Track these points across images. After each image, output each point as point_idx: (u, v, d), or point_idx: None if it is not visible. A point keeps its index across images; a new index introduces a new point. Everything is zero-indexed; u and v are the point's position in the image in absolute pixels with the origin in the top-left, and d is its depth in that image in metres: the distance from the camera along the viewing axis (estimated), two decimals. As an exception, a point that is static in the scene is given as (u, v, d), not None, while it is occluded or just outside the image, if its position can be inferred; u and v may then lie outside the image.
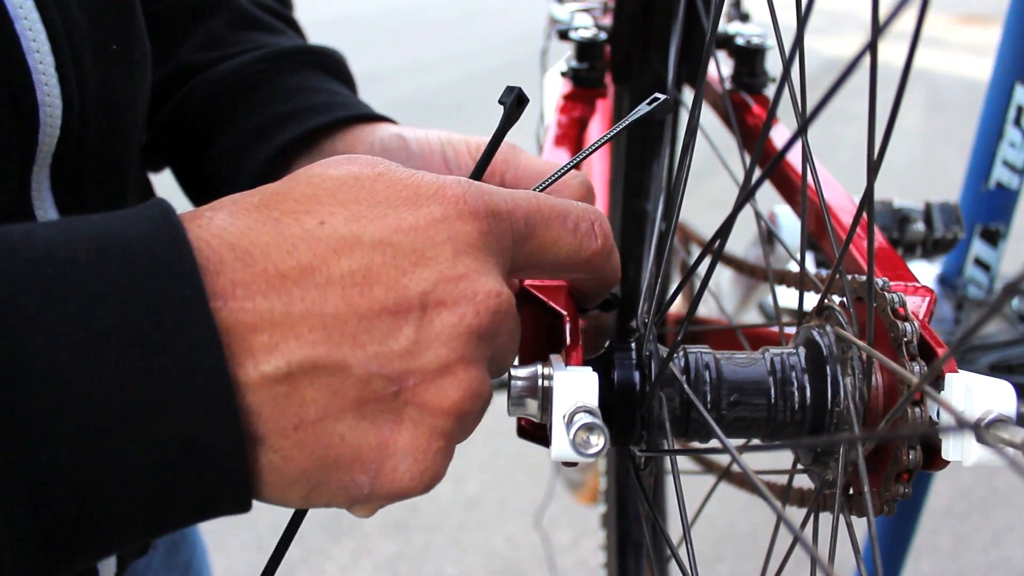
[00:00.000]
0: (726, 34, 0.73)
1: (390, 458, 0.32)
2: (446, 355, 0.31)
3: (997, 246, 1.04)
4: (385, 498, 0.33)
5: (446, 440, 0.32)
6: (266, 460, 0.30)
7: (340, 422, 0.31)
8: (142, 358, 0.27)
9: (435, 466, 0.32)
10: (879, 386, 0.37)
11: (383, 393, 0.31)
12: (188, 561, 0.75)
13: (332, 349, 0.30)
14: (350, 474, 0.32)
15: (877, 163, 0.33)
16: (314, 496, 0.32)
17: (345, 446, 0.31)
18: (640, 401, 0.39)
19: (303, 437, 0.30)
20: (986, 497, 2.26)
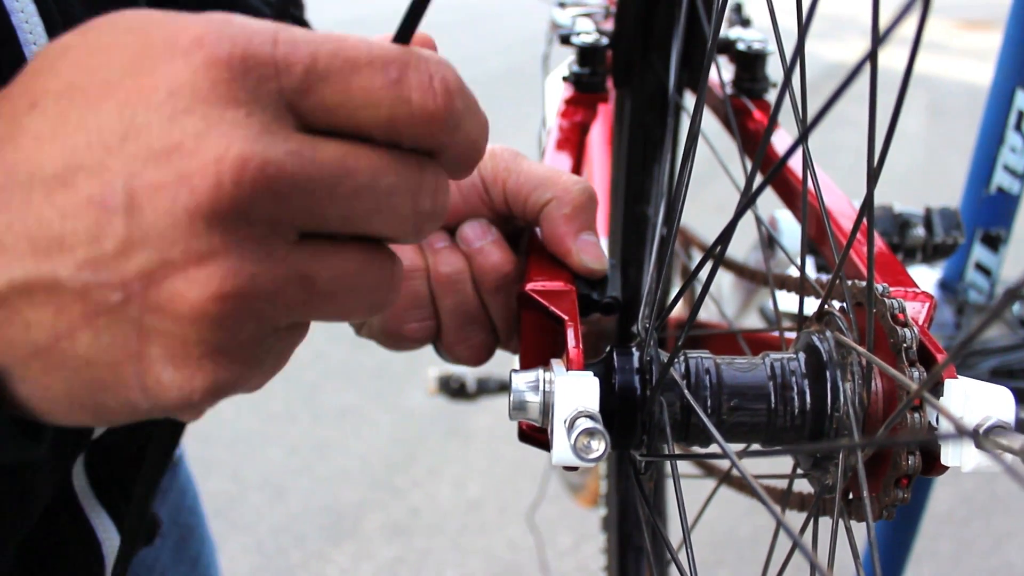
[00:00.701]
0: (727, 39, 0.73)
1: (148, 371, 0.28)
2: (167, 250, 0.26)
3: (998, 251, 1.04)
4: (171, 407, 0.29)
5: (206, 348, 0.27)
6: (24, 389, 0.28)
7: (76, 342, 0.27)
8: None
9: (203, 373, 0.28)
10: (879, 391, 0.37)
11: (108, 303, 0.27)
12: (196, 555, 0.75)
13: (39, 262, 0.26)
14: (117, 392, 0.28)
15: (877, 169, 0.33)
16: (103, 415, 0.29)
17: (95, 367, 0.28)
18: (641, 406, 0.39)
19: (45, 364, 0.28)
20: (987, 503, 2.25)
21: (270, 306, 0.28)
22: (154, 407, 0.29)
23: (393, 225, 0.30)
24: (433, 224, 0.32)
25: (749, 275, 0.69)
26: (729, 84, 0.72)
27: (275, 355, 0.31)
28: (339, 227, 0.29)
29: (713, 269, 0.36)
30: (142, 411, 0.29)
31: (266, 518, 2.14)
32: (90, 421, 0.30)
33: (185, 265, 0.26)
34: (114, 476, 0.52)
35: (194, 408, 0.29)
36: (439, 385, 1.27)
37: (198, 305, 0.27)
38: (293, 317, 0.30)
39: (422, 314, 0.50)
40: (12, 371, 0.28)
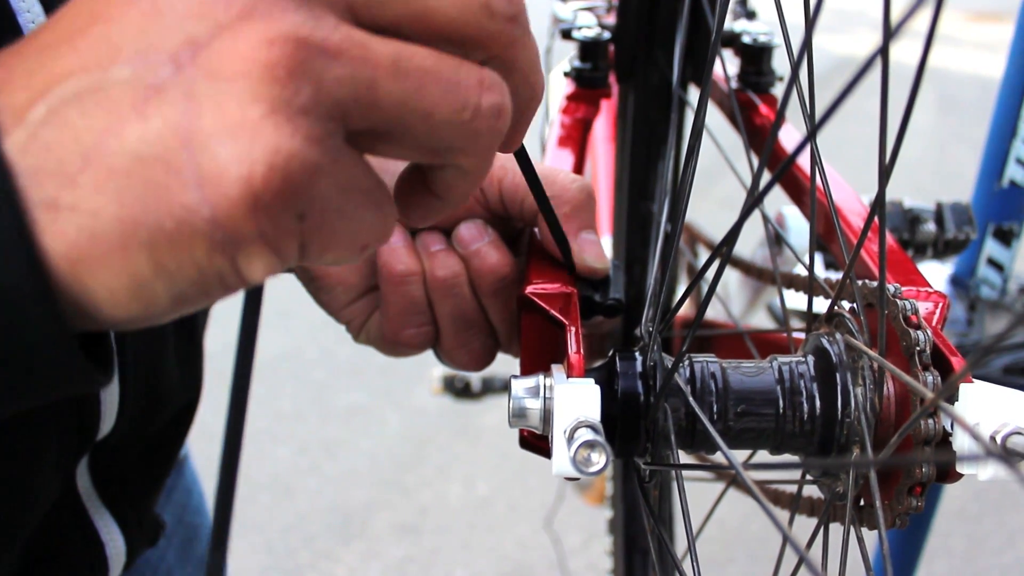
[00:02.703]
0: (732, 32, 0.72)
1: (203, 152, 0.24)
2: (209, 13, 0.25)
3: (1010, 245, 1.02)
4: (232, 208, 0.25)
5: (265, 105, 0.24)
6: (74, 228, 0.25)
7: (124, 136, 0.25)
8: None
9: (263, 136, 0.24)
10: (891, 396, 0.36)
11: (158, 81, 0.25)
12: (203, 557, 0.75)
13: (89, 67, 0.25)
14: (173, 197, 0.25)
15: (889, 166, 0.31)
16: (164, 257, 0.25)
17: (146, 162, 0.25)
18: (644, 412, 0.38)
19: (95, 175, 0.25)
20: (1000, 499, 2.24)
21: (329, 64, 0.25)
22: (215, 211, 0.25)
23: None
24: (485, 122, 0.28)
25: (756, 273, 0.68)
26: (734, 78, 0.71)
27: (331, 205, 0.27)
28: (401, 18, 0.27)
29: (719, 270, 0.35)
30: (201, 226, 0.25)
31: (275, 518, 2.14)
32: (148, 273, 0.25)
33: (229, 23, 0.25)
34: (118, 477, 0.51)
35: (264, 214, 0.25)
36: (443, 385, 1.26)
37: (249, 54, 0.25)
38: (360, 101, 0.26)
39: (420, 320, 0.49)
40: (61, 197, 0.25)
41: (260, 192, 0.24)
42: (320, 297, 0.51)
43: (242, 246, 0.25)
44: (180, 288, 0.26)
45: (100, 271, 0.25)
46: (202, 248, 0.25)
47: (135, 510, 0.53)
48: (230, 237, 0.25)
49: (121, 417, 0.48)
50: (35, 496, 0.44)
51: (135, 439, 0.51)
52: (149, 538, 0.57)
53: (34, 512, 0.44)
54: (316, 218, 0.26)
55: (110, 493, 0.51)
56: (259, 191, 0.24)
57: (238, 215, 0.25)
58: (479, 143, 0.29)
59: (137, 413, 0.49)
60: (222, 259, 0.25)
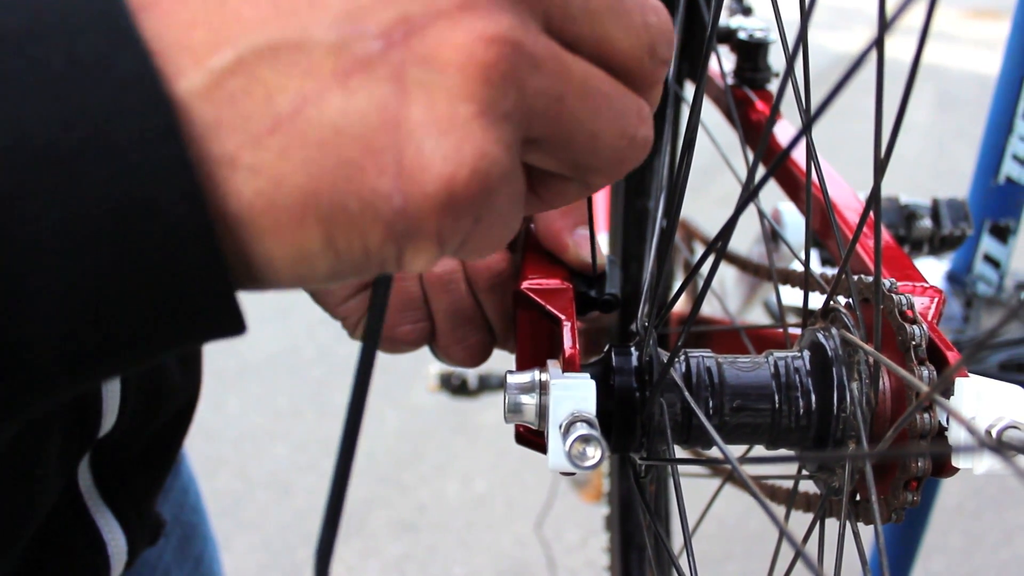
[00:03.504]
0: (728, 28, 0.72)
1: (408, 140, 0.24)
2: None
3: (1007, 242, 1.02)
4: (424, 203, 0.24)
5: (476, 105, 0.24)
6: (251, 190, 0.23)
7: (325, 106, 0.23)
8: (52, 99, 0.22)
9: (472, 137, 0.24)
10: (886, 390, 0.36)
11: (366, 54, 0.24)
12: (200, 555, 0.75)
13: (287, 20, 0.24)
14: (366, 179, 0.24)
15: (884, 162, 0.31)
16: (338, 234, 0.24)
17: (344, 138, 0.23)
18: (640, 407, 0.38)
19: (285, 140, 0.23)
20: (998, 496, 2.24)
21: (533, 75, 0.25)
22: (406, 203, 0.24)
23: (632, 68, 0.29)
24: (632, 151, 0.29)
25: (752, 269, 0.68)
26: (730, 74, 0.71)
27: (502, 212, 0.27)
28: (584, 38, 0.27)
29: (715, 265, 0.35)
30: (388, 215, 0.24)
31: (273, 516, 2.14)
32: (319, 253, 0.25)
33: (449, 10, 0.24)
34: (119, 476, 0.51)
35: (451, 214, 0.25)
36: (440, 382, 1.26)
37: (467, 47, 0.24)
38: (545, 114, 0.26)
39: (415, 316, 0.49)
40: (241, 156, 0.23)
41: (458, 193, 0.24)
42: (316, 295, 0.51)
43: (416, 239, 0.25)
44: (340, 266, 0.25)
45: (267, 238, 0.24)
46: (378, 234, 0.24)
47: (136, 509, 0.53)
48: (410, 230, 0.25)
49: (123, 414, 0.48)
50: (39, 492, 0.44)
51: (136, 437, 0.51)
52: (150, 537, 0.57)
53: (38, 509, 0.44)
54: (487, 221, 0.26)
55: (111, 492, 0.51)
56: (457, 192, 0.24)
57: (428, 211, 0.24)
58: (620, 168, 0.29)
59: (138, 410, 0.49)
60: (392, 248, 0.25)
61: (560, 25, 0.27)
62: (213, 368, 0.89)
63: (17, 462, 0.42)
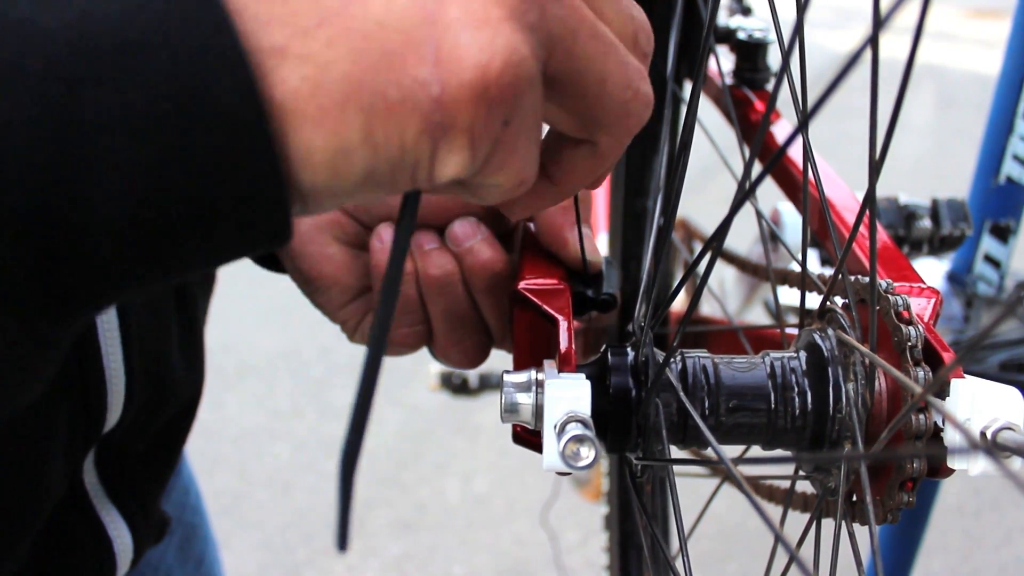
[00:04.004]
0: (727, 28, 0.72)
1: (445, 33, 0.25)
2: None
3: (1007, 242, 1.02)
4: (460, 92, 0.26)
5: (506, 9, 0.26)
6: (298, 76, 0.25)
7: (369, 2, 0.25)
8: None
9: (503, 34, 0.26)
10: (882, 391, 0.36)
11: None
12: (201, 555, 0.75)
13: None
14: (406, 68, 0.25)
15: (880, 162, 0.31)
16: (377, 124, 0.26)
17: (386, 31, 0.25)
18: (636, 407, 0.38)
19: (332, 33, 0.25)
20: (998, 496, 2.24)
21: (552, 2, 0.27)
22: (443, 93, 0.26)
23: None
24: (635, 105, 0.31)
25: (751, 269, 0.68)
26: (729, 74, 0.71)
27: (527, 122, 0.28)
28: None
29: (711, 263, 0.35)
30: (425, 104, 0.26)
31: (273, 515, 2.14)
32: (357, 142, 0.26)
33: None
34: (124, 473, 0.51)
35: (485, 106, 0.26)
36: (440, 381, 1.26)
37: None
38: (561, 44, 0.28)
39: (412, 319, 0.49)
40: (291, 46, 0.25)
41: (492, 82, 0.26)
42: (316, 299, 0.51)
43: (450, 133, 0.26)
44: (376, 164, 0.26)
45: (310, 126, 0.25)
46: (415, 126, 0.26)
47: (141, 506, 0.53)
48: (445, 120, 0.26)
49: (127, 409, 0.48)
50: (45, 487, 0.44)
51: (140, 434, 0.51)
52: (155, 534, 0.57)
53: (44, 504, 0.44)
54: (513, 128, 0.27)
55: (116, 489, 0.50)
56: (491, 81, 0.26)
57: (463, 99, 0.26)
58: (626, 124, 0.31)
59: (143, 405, 0.49)
60: (427, 143, 0.26)
61: None
62: (213, 367, 0.88)
63: (22, 455, 0.42)
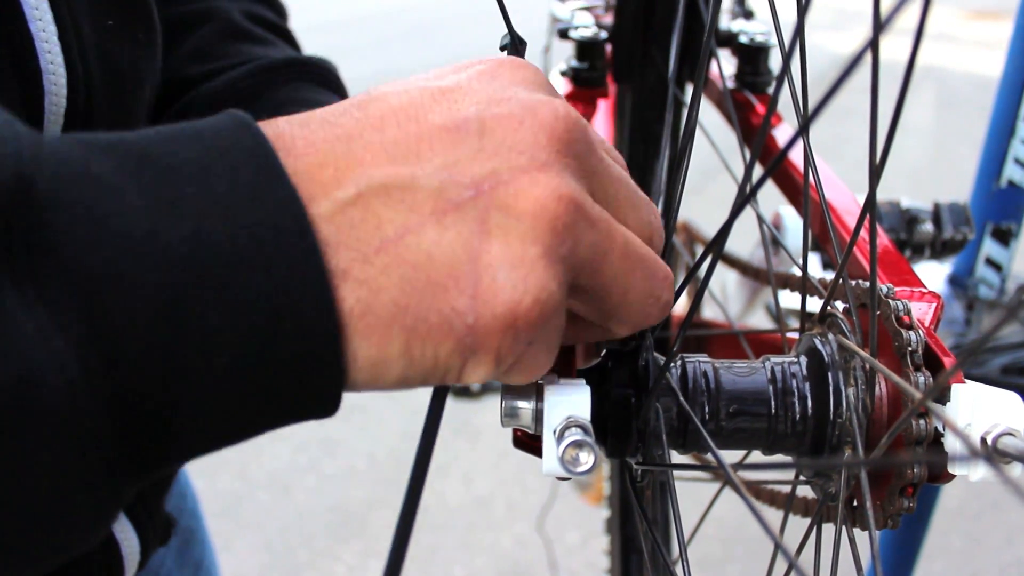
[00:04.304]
0: (729, 32, 0.72)
1: (485, 270, 0.29)
2: (516, 158, 0.30)
3: (1009, 245, 1.02)
4: (492, 323, 0.29)
5: (542, 247, 0.30)
6: (354, 298, 0.28)
7: (422, 237, 0.29)
8: (221, 218, 0.27)
9: (536, 273, 0.29)
10: (883, 396, 0.36)
11: (460, 199, 0.29)
12: (199, 560, 0.75)
13: (398, 167, 0.29)
14: (448, 298, 0.29)
15: (880, 165, 0.31)
16: (415, 343, 0.29)
17: (434, 263, 0.29)
18: (636, 412, 0.38)
19: (387, 260, 0.29)
20: (999, 497, 2.23)
21: (587, 230, 0.31)
22: (476, 322, 0.29)
23: None
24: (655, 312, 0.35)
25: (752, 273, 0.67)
26: (731, 78, 0.71)
27: (549, 341, 0.32)
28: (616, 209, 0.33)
29: (711, 268, 0.35)
30: (461, 332, 0.29)
31: (274, 517, 2.14)
32: (397, 357, 0.29)
33: (529, 170, 0.30)
34: None
35: (512, 334, 0.29)
36: (442, 384, 1.25)
37: (541, 199, 0.30)
38: (590, 264, 0.32)
39: None
40: (352, 271, 0.28)
41: (521, 316, 0.29)
42: None
43: (479, 353, 0.30)
44: (411, 372, 0.30)
45: (357, 339, 0.29)
46: (448, 346, 0.29)
47: (146, 507, 0.52)
48: (476, 344, 0.29)
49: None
50: None
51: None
52: (161, 536, 0.56)
53: None
54: (537, 346, 0.31)
55: None
56: (520, 316, 0.29)
57: (494, 329, 0.29)
58: (642, 323, 0.35)
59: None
60: (458, 359, 0.30)
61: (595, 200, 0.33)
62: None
63: None
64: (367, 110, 0.31)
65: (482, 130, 0.30)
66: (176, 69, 0.60)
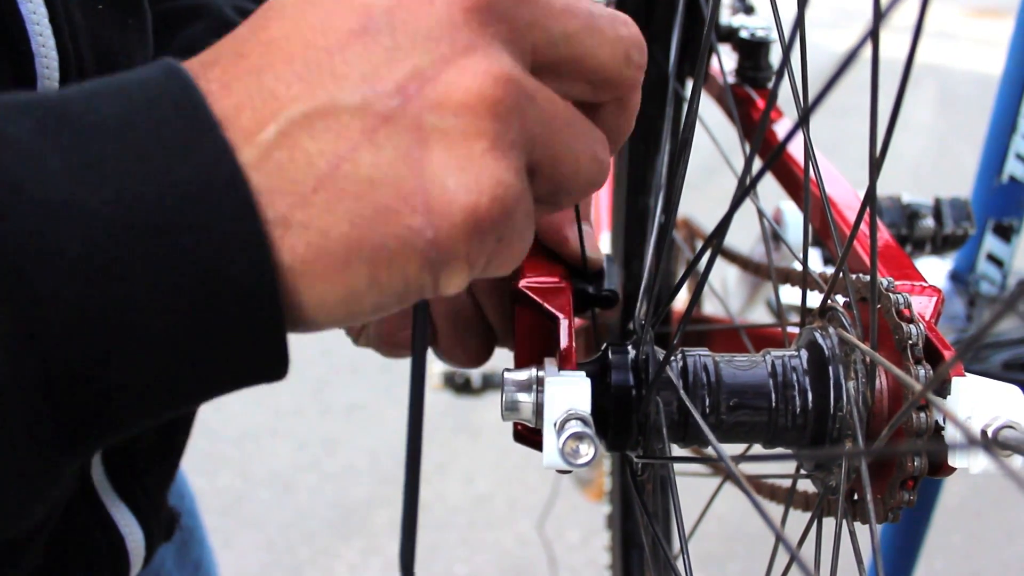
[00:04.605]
0: (730, 27, 0.72)
1: (432, 181, 0.27)
2: (434, 48, 0.27)
3: (1010, 241, 1.02)
4: (453, 232, 0.28)
5: (487, 140, 0.27)
6: (303, 243, 0.27)
7: (358, 162, 0.27)
8: (147, 178, 0.25)
9: (488, 169, 0.27)
10: (883, 389, 0.36)
11: (387, 110, 0.27)
12: (198, 560, 0.75)
13: (315, 92, 0.27)
14: (401, 219, 0.27)
15: (880, 159, 0.31)
16: (380, 271, 0.28)
17: (378, 187, 0.27)
18: (636, 406, 0.38)
19: (328, 196, 0.27)
20: (1000, 495, 2.23)
21: (530, 106, 0.29)
22: (437, 235, 0.27)
23: None
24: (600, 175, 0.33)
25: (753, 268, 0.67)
26: (732, 73, 0.71)
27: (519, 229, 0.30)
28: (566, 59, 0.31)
29: (710, 262, 0.35)
30: (423, 248, 0.28)
31: (275, 514, 2.14)
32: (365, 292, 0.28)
33: (453, 57, 0.28)
34: (130, 468, 0.51)
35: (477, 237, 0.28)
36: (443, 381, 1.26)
37: (474, 88, 0.27)
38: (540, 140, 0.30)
39: None
40: (293, 215, 0.27)
41: (482, 219, 0.28)
42: None
43: (449, 264, 0.28)
44: (384, 299, 0.29)
45: (320, 283, 0.27)
46: (415, 265, 0.28)
47: (150, 501, 0.52)
48: (442, 257, 0.28)
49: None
50: None
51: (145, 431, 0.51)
52: (165, 530, 0.56)
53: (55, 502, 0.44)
54: (507, 239, 0.29)
55: (124, 485, 0.50)
56: (481, 218, 0.28)
57: (457, 238, 0.28)
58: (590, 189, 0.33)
59: None
60: (428, 275, 0.28)
61: (544, 51, 0.30)
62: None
63: None
64: (269, 29, 0.29)
65: (392, 24, 0.28)
66: None
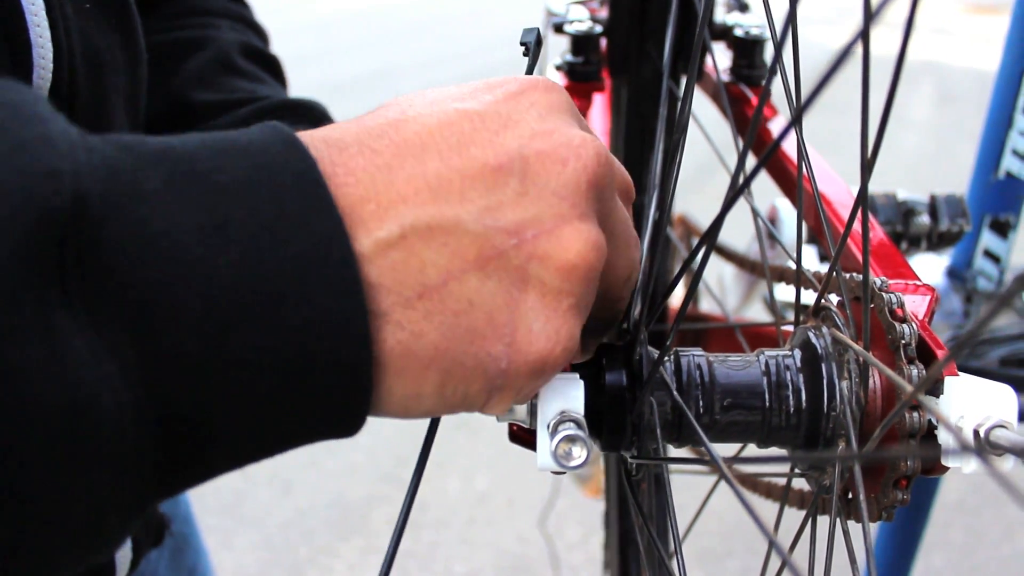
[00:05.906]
0: (724, 25, 0.72)
1: (522, 319, 0.30)
2: (558, 204, 0.30)
3: (1007, 237, 1.02)
4: (523, 368, 0.30)
5: (574, 299, 0.31)
6: (395, 340, 0.29)
7: (465, 284, 0.29)
8: (268, 246, 0.27)
9: (568, 325, 0.31)
10: (876, 389, 0.35)
11: (503, 247, 0.30)
12: (193, 566, 0.74)
13: (442, 207, 0.29)
14: (485, 345, 0.30)
15: (872, 157, 0.31)
16: (449, 383, 0.30)
17: (475, 311, 0.29)
18: (630, 406, 0.38)
19: (430, 306, 0.29)
20: (999, 491, 2.23)
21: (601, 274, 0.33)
22: (508, 368, 0.30)
23: None
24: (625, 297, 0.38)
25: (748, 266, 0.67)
26: (726, 71, 0.71)
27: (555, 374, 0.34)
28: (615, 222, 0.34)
29: (704, 260, 0.35)
30: (493, 375, 0.30)
31: (274, 513, 2.14)
32: (431, 393, 0.30)
33: (570, 219, 0.30)
34: None
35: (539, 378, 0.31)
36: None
37: (580, 253, 0.30)
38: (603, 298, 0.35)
39: None
40: (393, 314, 0.28)
41: (550, 364, 0.31)
42: None
43: (504, 391, 0.31)
44: (439, 406, 0.31)
45: (394, 379, 0.29)
46: (478, 385, 0.30)
47: None
48: (504, 385, 0.31)
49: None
50: None
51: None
52: (154, 537, 0.56)
53: None
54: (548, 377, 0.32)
55: None
56: (549, 363, 0.31)
57: (523, 374, 0.31)
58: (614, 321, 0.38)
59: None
60: (484, 396, 0.31)
61: None
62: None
63: None
64: (403, 132, 0.30)
65: (525, 170, 0.30)
66: (180, 90, 0.62)
